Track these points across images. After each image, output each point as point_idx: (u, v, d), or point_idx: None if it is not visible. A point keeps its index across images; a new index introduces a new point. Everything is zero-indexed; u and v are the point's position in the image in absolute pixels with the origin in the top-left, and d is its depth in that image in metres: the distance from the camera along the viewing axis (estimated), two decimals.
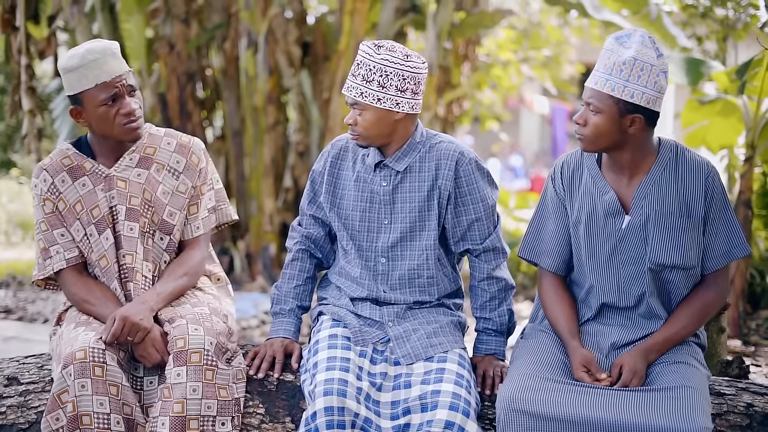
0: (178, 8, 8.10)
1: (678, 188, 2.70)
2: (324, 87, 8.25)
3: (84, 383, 2.65)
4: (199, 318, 2.83)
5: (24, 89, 7.00)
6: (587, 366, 2.64)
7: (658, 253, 2.70)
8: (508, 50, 12.55)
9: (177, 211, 3.00)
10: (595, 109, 2.65)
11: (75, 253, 2.94)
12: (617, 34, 2.70)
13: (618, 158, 2.72)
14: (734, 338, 5.44)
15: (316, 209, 3.02)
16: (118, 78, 2.87)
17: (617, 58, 2.62)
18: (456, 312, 2.99)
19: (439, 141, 2.93)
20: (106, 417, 2.65)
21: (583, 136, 2.69)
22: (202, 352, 2.72)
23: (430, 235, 2.90)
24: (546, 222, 2.88)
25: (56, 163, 2.96)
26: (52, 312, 6.84)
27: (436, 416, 2.56)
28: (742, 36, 6.98)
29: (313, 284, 3.07)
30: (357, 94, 2.78)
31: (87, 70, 2.83)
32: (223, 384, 2.75)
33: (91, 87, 2.85)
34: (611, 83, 2.62)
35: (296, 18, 8.21)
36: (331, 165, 2.98)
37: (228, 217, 3.14)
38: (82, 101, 2.87)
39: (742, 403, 2.79)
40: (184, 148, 3.04)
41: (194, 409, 2.67)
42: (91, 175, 2.95)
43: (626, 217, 2.73)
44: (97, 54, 2.85)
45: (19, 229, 12.00)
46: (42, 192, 2.93)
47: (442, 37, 8.61)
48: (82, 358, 2.67)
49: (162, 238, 2.99)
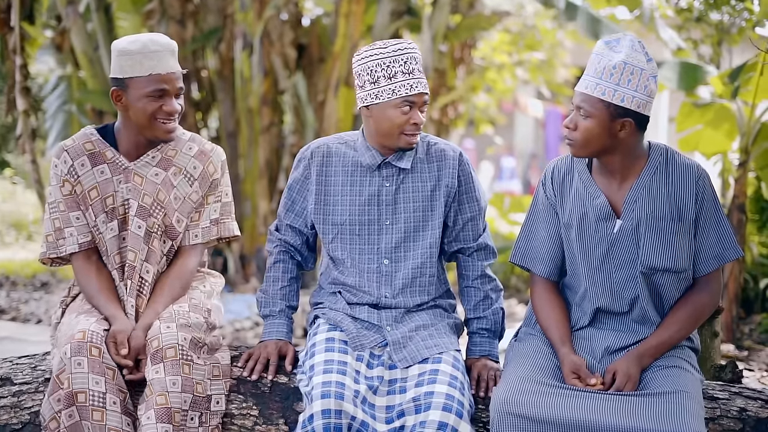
0: (173, 9, 8.10)
1: (669, 192, 2.71)
2: (319, 89, 8.26)
3: (80, 361, 2.66)
4: (174, 316, 2.83)
5: (18, 89, 6.99)
6: (577, 372, 2.64)
7: (649, 256, 2.70)
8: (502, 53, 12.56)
9: (184, 218, 2.99)
10: (586, 113, 2.64)
11: (88, 238, 2.94)
12: (606, 38, 2.70)
13: (608, 162, 2.72)
14: (728, 343, 5.45)
15: (294, 218, 3.01)
16: (171, 75, 2.86)
17: (607, 62, 2.62)
18: (452, 314, 2.99)
19: (435, 142, 2.97)
20: (101, 395, 2.66)
21: (573, 140, 2.68)
22: (176, 347, 2.74)
23: (433, 233, 2.91)
24: (537, 227, 2.88)
25: (78, 146, 2.95)
26: (46, 312, 6.82)
27: (429, 417, 2.56)
28: (736, 40, 7.00)
29: (297, 284, 3.07)
30: (427, 88, 2.85)
31: (145, 58, 2.82)
32: (200, 379, 2.76)
33: (143, 75, 2.83)
34: (602, 87, 2.62)
35: (292, 20, 8.22)
36: (317, 173, 2.95)
37: (229, 232, 3.10)
38: (128, 86, 2.85)
39: (735, 408, 2.79)
40: (204, 155, 3.02)
41: (176, 402, 2.68)
42: (110, 164, 2.94)
43: (617, 221, 2.73)
44: (159, 46, 2.84)
45: (13, 229, 11.97)
46: (62, 173, 2.92)
47: (438, 40, 8.62)
48: (81, 338, 2.69)
49: (165, 242, 2.99)
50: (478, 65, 11.83)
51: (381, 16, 8.29)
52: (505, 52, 12.65)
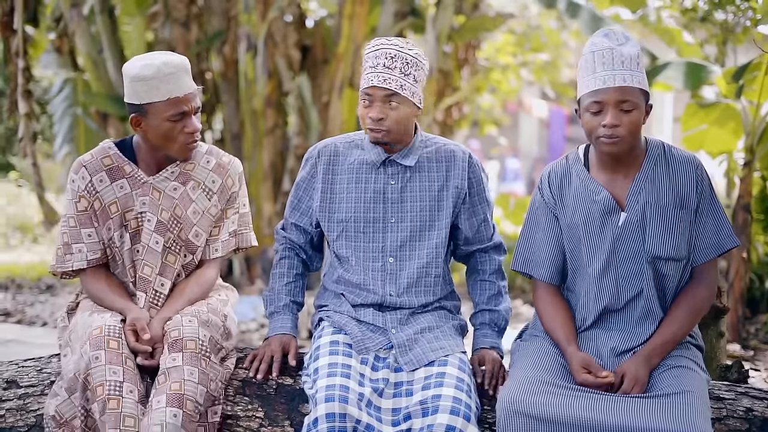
0: (177, 12, 8.11)
1: (671, 181, 2.73)
2: (323, 90, 8.26)
3: (98, 355, 2.67)
4: (195, 313, 2.85)
5: (20, 92, 7.00)
6: (587, 367, 2.64)
7: (656, 246, 2.71)
8: (507, 54, 12.56)
9: (203, 232, 3.00)
10: (631, 105, 2.64)
11: (97, 255, 2.94)
12: (602, 35, 2.71)
13: (623, 155, 2.73)
14: (733, 342, 5.44)
15: (299, 217, 3.02)
16: (189, 95, 2.83)
17: (624, 54, 2.65)
18: (456, 315, 2.99)
19: (444, 143, 2.98)
20: (119, 384, 2.64)
21: (620, 136, 2.65)
22: (197, 340, 2.74)
23: (440, 233, 2.91)
24: (537, 233, 2.88)
25: (96, 161, 2.93)
26: (51, 315, 6.83)
27: (437, 420, 2.55)
28: (741, 40, 6.98)
29: (303, 281, 3.06)
30: (397, 86, 2.77)
31: (161, 82, 2.78)
32: (213, 378, 2.76)
33: (161, 100, 2.79)
34: (636, 77, 2.65)
35: (295, 21, 8.22)
36: (323, 171, 2.97)
37: (248, 243, 3.11)
38: (147, 112, 2.82)
39: (742, 408, 2.78)
40: (222, 168, 3.02)
41: (190, 391, 2.66)
42: (129, 178, 2.93)
43: (622, 213, 2.74)
44: (173, 68, 2.79)
45: (18, 231, 11.99)
46: (79, 189, 2.92)
47: (442, 41, 8.62)
48: (98, 334, 2.70)
49: (186, 256, 2.99)
50: (483, 66, 11.83)
51: (385, 17, 8.29)
52: (510, 53, 12.65)
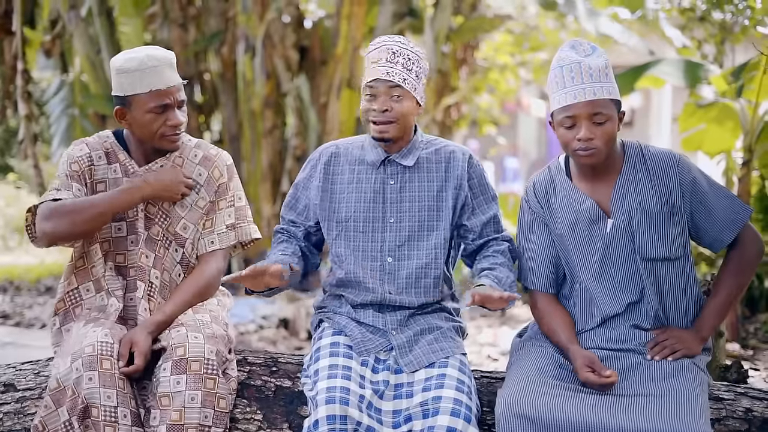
0: (175, 13, 8.11)
1: (653, 182, 2.73)
2: (321, 91, 8.25)
3: (92, 376, 2.65)
4: (199, 325, 2.81)
5: (20, 94, 7.00)
6: (591, 365, 2.63)
7: (647, 248, 2.71)
8: (505, 53, 12.56)
9: (191, 225, 3.00)
10: (604, 117, 2.64)
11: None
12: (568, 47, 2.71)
13: (598, 164, 2.72)
14: (733, 342, 5.43)
15: (296, 216, 3.02)
16: (172, 88, 2.86)
17: (592, 66, 2.65)
18: (456, 317, 2.98)
19: (444, 144, 2.98)
20: (113, 410, 2.65)
21: (595, 148, 2.65)
22: (201, 360, 2.71)
23: (440, 234, 2.90)
24: (528, 244, 2.88)
25: (97, 142, 2.98)
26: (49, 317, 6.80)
27: (437, 422, 2.55)
28: (739, 39, 6.97)
29: (301, 262, 2.98)
30: (400, 79, 2.78)
31: (144, 74, 2.82)
32: (224, 394, 2.74)
33: (144, 92, 2.84)
34: (606, 88, 2.65)
35: (293, 22, 8.22)
36: (324, 172, 2.97)
37: (248, 236, 3.10)
38: (131, 104, 2.87)
39: (741, 408, 2.78)
40: (208, 160, 3.03)
41: (193, 418, 2.66)
42: (122, 166, 2.97)
43: (609, 220, 2.74)
44: (156, 61, 2.84)
45: (16, 233, 11.98)
46: (74, 157, 2.93)
47: (440, 42, 8.61)
48: (91, 352, 2.68)
49: (177, 249, 2.99)
50: (481, 66, 11.83)
51: (383, 17, 8.29)
52: (508, 52, 12.65)
